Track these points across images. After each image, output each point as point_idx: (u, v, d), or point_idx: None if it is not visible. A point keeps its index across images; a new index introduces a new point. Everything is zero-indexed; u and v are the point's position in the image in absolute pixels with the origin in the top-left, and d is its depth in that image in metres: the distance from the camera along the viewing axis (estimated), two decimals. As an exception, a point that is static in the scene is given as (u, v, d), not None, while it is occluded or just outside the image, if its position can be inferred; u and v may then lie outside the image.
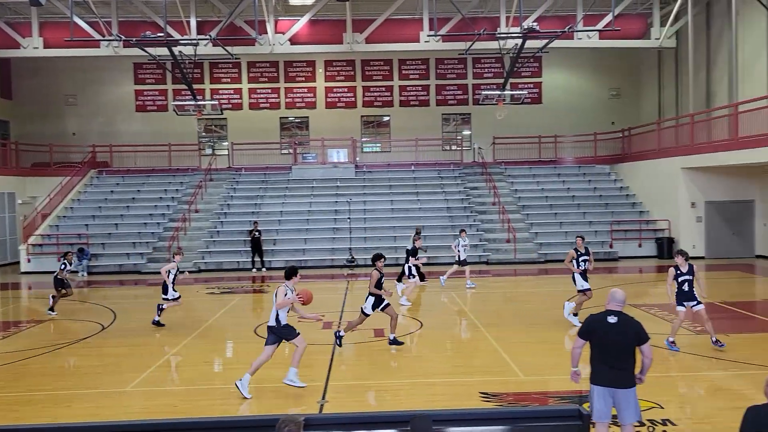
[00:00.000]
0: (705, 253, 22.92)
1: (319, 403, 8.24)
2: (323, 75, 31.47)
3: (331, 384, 9.09)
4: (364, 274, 21.54)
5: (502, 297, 17.53)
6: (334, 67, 31.43)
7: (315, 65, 31.30)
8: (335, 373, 9.68)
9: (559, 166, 29.25)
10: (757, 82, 22.21)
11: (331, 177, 28.10)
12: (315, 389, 8.78)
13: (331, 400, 8.35)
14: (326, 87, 31.51)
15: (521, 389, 8.68)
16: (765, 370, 9.15)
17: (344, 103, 31.58)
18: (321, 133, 30.44)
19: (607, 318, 5.91)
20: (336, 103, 31.58)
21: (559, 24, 24.81)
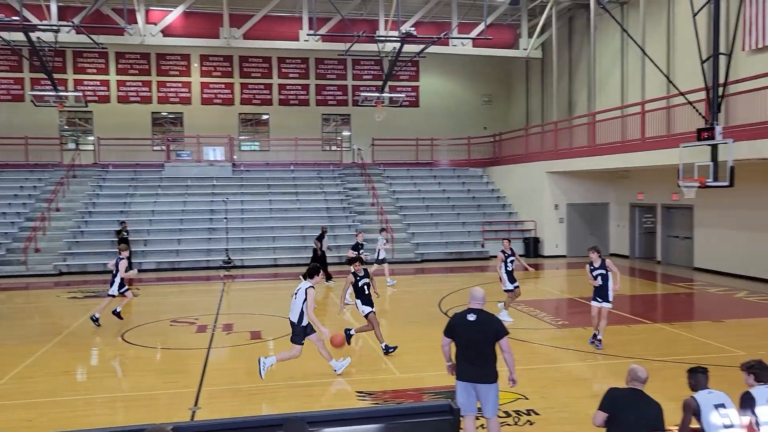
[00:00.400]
0: (566, 252, 24.56)
1: (191, 410, 7.95)
2: (199, 70, 30.40)
3: (204, 389, 8.80)
4: (241, 275, 21.11)
5: (380, 296, 17.77)
6: (210, 62, 30.46)
7: (190, 59, 30.16)
8: (209, 378, 9.37)
9: (435, 168, 30.17)
10: (612, 93, 24.12)
11: (207, 175, 27.23)
12: (187, 395, 8.46)
13: (205, 406, 8.08)
14: (202, 82, 30.47)
15: (397, 387, 8.85)
16: (619, 360, 9.95)
17: (221, 100, 30.69)
18: (196, 129, 29.36)
19: (466, 316, 6.17)
20: (212, 99, 30.62)
21: (435, 30, 25.58)
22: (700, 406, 5.40)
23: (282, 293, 17.29)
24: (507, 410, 7.58)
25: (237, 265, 22.16)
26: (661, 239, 22.13)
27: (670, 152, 16.34)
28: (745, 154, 14.35)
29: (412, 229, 25.45)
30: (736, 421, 5.36)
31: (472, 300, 6.27)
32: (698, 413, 5.41)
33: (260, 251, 23.41)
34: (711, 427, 5.32)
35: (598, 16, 23.77)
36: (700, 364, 5.96)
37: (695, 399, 5.46)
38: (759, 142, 14.18)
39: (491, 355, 6.10)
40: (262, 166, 28.89)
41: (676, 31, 20.74)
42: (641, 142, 18.85)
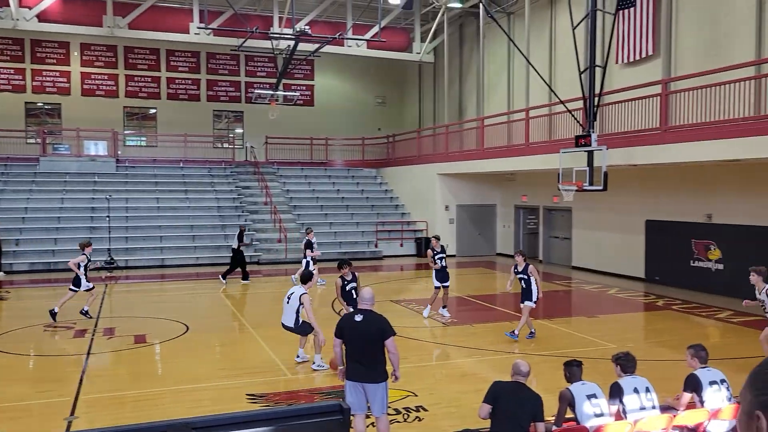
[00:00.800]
0: (456, 252, 25.33)
1: (66, 421, 7.48)
2: (79, 59, 28.64)
3: (82, 398, 8.31)
4: (125, 276, 20.12)
5: (272, 297, 17.54)
6: (92, 52, 28.78)
7: (69, 47, 28.35)
8: (88, 386, 8.86)
9: (329, 168, 30.16)
10: (500, 99, 25.16)
11: (88, 171, 25.71)
12: (63, 405, 7.96)
13: (82, 416, 7.63)
14: (83, 72, 28.73)
15: (289, 388, 8.78)
16: (503, 355, 10.40)
17: (104, 92, 29.09)
18: (76, 122, 27.61)
19: (354, 317, 6.26)
20: (94, 90, 28.96)
21: (330, 30, 25.57)
22: (574, 397, 5.76)
23: (170, 295, 16.67)
24: (397, 408, 7.71)
25: (120, 266, 21.09)
26: (543, 239, 23.34)
27: (552, 157, 17.27)
28: (618, 160, 15.43)
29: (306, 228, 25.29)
30: (606, 410, 5.76)
31: (361, 300, 6.36)
32: (573, 404, 5.77)
33: (146, 251, 22.41)
34: (583, 416, 5.69)
35: (487, 24, 24.70)
36: (575, 358, 6.36)
37: (570, 390, 5.82)
38: (630, 150, 15.29)
39: (379, 355, 6.20)
40: (148, 163, 27.66)
41: (558, 42, 21.95)
42: (525, 147, 19.79)
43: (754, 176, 14.82)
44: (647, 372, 6.82)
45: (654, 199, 17.91)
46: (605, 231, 19.91)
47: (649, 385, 5.97)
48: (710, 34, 16.20)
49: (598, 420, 5.64)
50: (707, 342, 10.39)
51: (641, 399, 5.84)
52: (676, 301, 15.35)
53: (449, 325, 12.90)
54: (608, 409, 5.78)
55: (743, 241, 15.24)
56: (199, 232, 23.64)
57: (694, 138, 13.59)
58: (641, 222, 18.36)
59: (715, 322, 13.21)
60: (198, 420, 4.09)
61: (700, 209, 16.48)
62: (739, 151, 12.68)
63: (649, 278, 18.17)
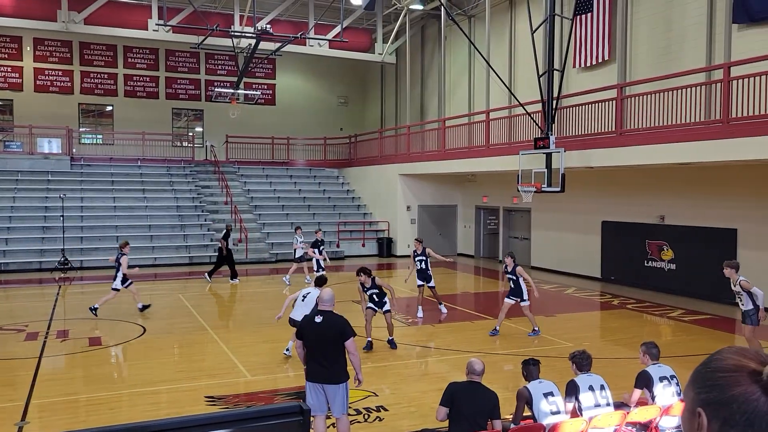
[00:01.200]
0: (418, 252, 25.44)
1: (17, 426, 7.28)
2: (32, 54, 27.84)
3: (34, 402, 8.09)
4: (80, 277, 19.63)
5: (232, 297, 17.37)
6: (46, 47, 28.00)
7: (21, 42, 27.51)
8: (41, 390, 8.63)
9: (291, 168, 29.97)
10: (461, 101, 25.39)
11: (41, 169, 25.00)
12: (14, 410, 7.73)
13: (34, 421, 7.44)
14: (36, 68, 27.93)
15: (249, 390, 8.71)
16: (463, 354, 10.50)
17: (58, 88, 28.33)
18: (29, 119, 26.80)
19: (314, 318, 6.26)
20: (48, 87, 28.18)
21: (292, 29, 25.42)
22: (531, 396, 5.86)
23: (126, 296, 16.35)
24: (357, 408, 7.72)
25: (75, 267, 20.56)
26: (503, 240, 23.64)
27: (511, 158, 17.52)
28: (575, 162, 15.74)
29: (266, 228, 25.11)
30: (562, 407, 5.88)
31: (320, 302, 6.36)
32: (530, 402, 5.87)
33: (102, 252, 21.90)
34: (540, 414, 5.80)
35: (448, 27, 24.89)
36: (533, 356, 6.47)
37: (527, 389, 5.92)
38: (586, 152, 15.61)
39: (339, 356, 6.21)
40: (105, 161, 27.04)
41: (518, 46, 22.27)
42: (486, 149, 20.02)
43: (704, 179, 15.30)
44: (602, 369, 7.00)
45: (610, 201, 18.32)
46: (563, 231, 20.28)
47: (603, 382, 6.12)
48: (663, 40, 16.65)
49: (554, 418, 5.75)
50: (660, 340, 10.69)
51: (596, 396, 5.98)
52: (631, 300, 15.73)
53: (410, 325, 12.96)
54: (564, 407, 5.90)
55: (694, 242, 15.71)
56: (158, 232, 23.23)
57: (648, 141, 13.96)
58: (597, 223, 18.76)
59: (667, 320, 13.59)
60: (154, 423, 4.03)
61: (653, 211, 16.93)
62: (689, 154, 13.07)
63: (605, 278, 18.58)
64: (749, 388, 1.20)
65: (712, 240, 15.21)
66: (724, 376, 1.24)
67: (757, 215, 14.21)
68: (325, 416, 6.29)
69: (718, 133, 12.38)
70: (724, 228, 14.96)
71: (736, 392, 1.21)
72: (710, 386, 1.25)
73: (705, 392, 1.25)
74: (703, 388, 1.26)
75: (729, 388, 1.22)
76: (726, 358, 1.27)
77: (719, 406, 1.22)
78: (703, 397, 1.25)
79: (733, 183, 14.73)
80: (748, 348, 1.30)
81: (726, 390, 1.22)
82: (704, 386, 1.26)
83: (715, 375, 1.25)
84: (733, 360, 1.26)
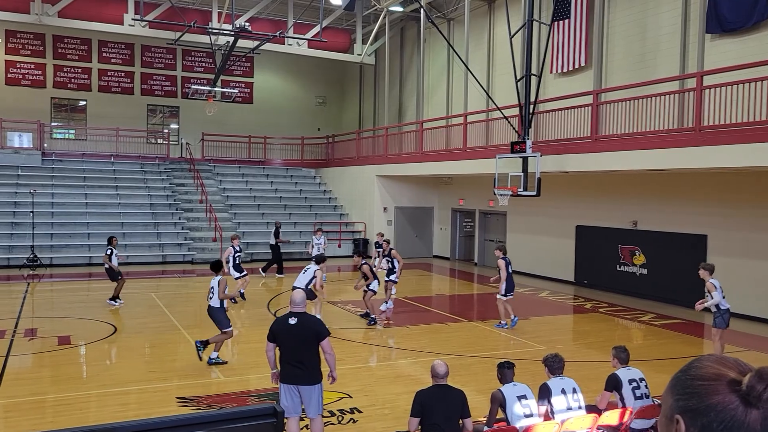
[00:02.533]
0: (393, 253, 25.45)
1: (-17, 427, 7.12)
2: (4, 46, 27.29)
3: (0, 402, 7.91)
4: (50, 275, 19.28)
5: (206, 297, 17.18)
6: (18, 39, 27.47)
7: (-6, 34, 26.99)
8: (6, 389, 8.45)
9: (267, 167, 29.79)
10: (439, 104, 25.47)
11: (11, 164, 24.48)
12: (-22, 411, 7.56)
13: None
14: (7, 61, 27.39)
15: (221, 391, 8.62)
16: (437, 357, 10.51)
17: (30, 81, 27.80)
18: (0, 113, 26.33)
19: (288, 320, 6.23)
20: (20, 80, 27.64)
21: (271, 27, 25.28)
22: (505, 398, 5.89)
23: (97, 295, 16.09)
24: (331, 410, 7.69)
25: (44, 264, 20.19)
26: (479, 242, 23.76)
27: (488, 162, 17.61)
28: (550, 167, 15.88)
29: (242, 227, 24.91)
30: (535, 410, 5.92)
31: (292, 304, 6.33)
32: (504, 405, 5.89)
33: (73, 249, 21.55)
34: (514, 417, 5.83)
35: (428, 29, 24.97)
36: (507, 359, 6.51)
37: (501, 392, 5.95)
38: (562, 157, 15.77)
39: (314, 357, 6.18)
40: (77, 157, 26.60)
41: (496, 50, 22.41)
42: (463, 152, 20.10)
43: (677, 186, 15.55)
44: (574, 372, 7.06)
45: (584, 206, 18.52)
46: (538, 235, 20.45)
47: (575, 385, 6.17)
48: (639, 48, 16.90)
49: (527, 420, 5.78)
50: (630, 343, 10.84)
51: (568, 399, 6.03)
52: (603, 304, 15.92)
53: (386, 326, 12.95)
54: (537, 410, 5.94)
55: (666, 247, 15.96)
56: (131, 229, 22.91)
57: (622, 147, 14.14)
58: (572, 227, 18.95)
59: (638, 324, 13.77)
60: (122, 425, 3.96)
61: (626, 216, 17.16)
62: (663, 161, 13.27)
63: (579, 281, 18.78)
64: (727, 398, 1.21)
65: (683, 245, 15.46)
66: (703, 384, 1.24)
67: (726, 222, 14.48)
68: (299, 418, 6.26)
69: (690, 140, 12.59)
70: (694, 234, 15.22)
71: (715, 401, 1.21)
72: (689, 394, 1.25)
73: (684, 399, 1.25)
74: (682, 396, 1.26)
75: (708, 396, 1.23)
76: (705, 367, 1.28)
77: (697, 414, 1.22)
78: (681, 404, 1.25)
79: (704, 190, 14.99)
80: (728, 357, 1.30)
81: (704, 398, 1.23)
82: (683, 393, 1.26)
83: (695, 383, 1.26)
84: (712, 369, 1.26)
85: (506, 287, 12.60)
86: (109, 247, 14.36)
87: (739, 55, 13.77)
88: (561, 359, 6.27)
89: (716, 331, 9.83)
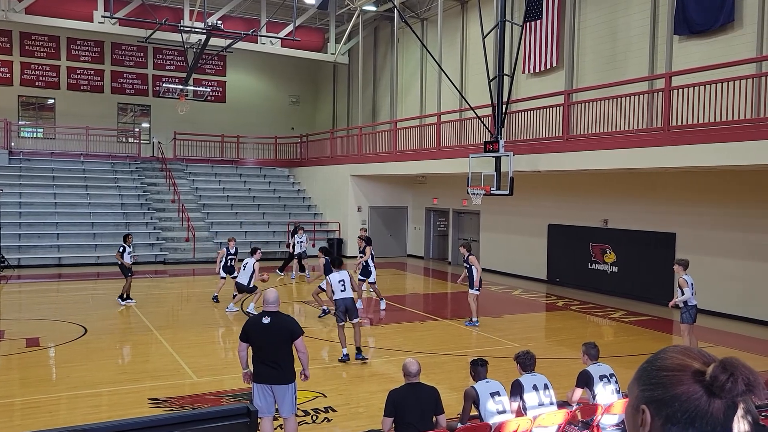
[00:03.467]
0: (368, 253, 25.45)
1: (-52, 431, 6.96)
2: (-31, 43, 26.68)
3: (-34, 407, 7.75)
4: (17, 276, 18.90)
5: (178, 298, 17.04)
6: (-16, 36, 26.87)
7: (-42, 30, 26.35)
8: (-27, 394, 8.27)
9: (240, 166, 29.57)
10: (412, 103, 25.55)
11: (-23, 163, 23.98)
12: (-57, 415, 7.39)
13: (-34, 426, 7.12)
14: (-27, 57, 26.78)
15: (194, 391, 8.56)
16: (411, 355, 10.55)
17: (-3, 79, 27.21)
18: (-36, 110, 25.72)
19: (261, 319, 6.21)
20: (-14, 77, 27.03)
21: (243, 26, 25.11)
22: (478, 395, 5.94)
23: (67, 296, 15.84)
24: (305, 409, 7.68)
25: (12, 265, 19.79)
26: (453, 241, 23.88)
27: (462, 161, 17.72)
28: (523, 166, 16.04)
29: (215, 227, 24.71)
30: (508, 407, 5.99)
31: (266, 303, 6.31)
32: (477, 402, 5.95)
33: (41, 249, 21.16)
34: (487, 413, 5.88)
35: (401, 29, 25.03)
36: (481, 357, 6.56)
37: (474, 389, 6.00)
38: (534, 156, 15.94)
39: (287, 356, 6.18)
40: (46, 156, 26.11)
41: (469, 50, 22.55)
42: (437, 151, 20.20)
43: (646, 185, 15.83)
44: (546, 369, 7.15)
45: (556, 205, 18.75)
46: (511, 234, 20.64)
47: (547, 381, 6.26)
48: (609, 49, 17.15)
49: (500, 417, 5.84)
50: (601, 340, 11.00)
51: (540, 396, 6.11)
52: (575, 301, 16.13)
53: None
54: (510, 406, 6.00)
55: (636, 246, 16.23)
56: (101, 229, 22.57)
57: (593, 147, 14.35)
58: (544, 226, 19.16)
59: (609, 321, 13.99)
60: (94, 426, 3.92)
61: (597, 215, 17.41)
62: (632, 160, 13.50)
63: (551, 280, 19.00)
64: (691, 387, 1.24)
65: (652, 243, 15.74)
66: (668, 375, 1.28)
67: (695, 220, 14.78)
68: (273, 418, 6.24)
69: (659, 140, 12.83)
70: (663, 232, 15.50)
71: (679, 391, 1.25)
72: (654, 384, 1.29)
73: (649, 390, 1.29)
74: (647, 386, 1.30)
75: (672, 386, 1.26)
76: (670, 357, 1.31)
77: (662, 404, 1.26)
78: (647, 394, 1.29)
79: (673, 189, 15.28)
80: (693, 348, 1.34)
81: (669, 389, 1.26)
82: (649, 384, 1.30)
83: (660, 374, 1.29)
84: (677, 359, 1.30)
85: (477, 282, 12.89)
86: (123, 244, 14.60)
87: (706, 56, 14.07)
88: (533, 356, 6.35)
89: (684, 326, 10.05)
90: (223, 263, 15.29)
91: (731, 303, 13.86)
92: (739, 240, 13.78)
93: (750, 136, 11.08)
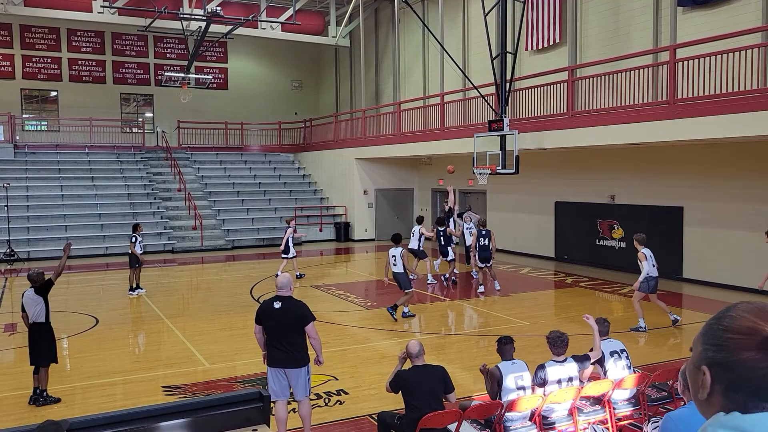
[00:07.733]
0: (375, 236, 25.51)
1: (-34, 424, 7.05)
2: (-30, 37, 26.64)
3: (-17, 399, 7.85)
4: (27, 268, 19.02)
5: (188, 286, 17.14)
6: (-16, 30, 26.81)
7: (-42, 25, 26.30)
8: (-11, 386, 8.37)
9: (245, 153, 29.55)
10: (416, 84, 25.40)
11: (-17, 158, 24.05)
12: (-39, 408, 7.49)
13: (-17, 418, 7.22)
14: (-26, 52, 26.76)
15: (207, 378, 8.63)
16: (421, 336, 10.60)
17: (-1, 73, 27.20)
18: (-32, 105, 25.75)
19: (273, 303, 6.24)
20: (-12, 71, 27.02)
21: (243, 11, 24.96)
22: (502, 376, 5.92)
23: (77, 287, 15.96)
24: (318, 392, 7.74)
25: (22, 258, 19.93)
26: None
27: (466, 141, 17.65)
28: (529, 144, 15.96)
29: (222, 215, 24.78)
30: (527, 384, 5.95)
31: (278, 288, 6.33)
32: (501, 382, 5.93)
33: (50, 242, 21.28)
34: (506, 391, 5.88)
35: (402, 9, 24.81)
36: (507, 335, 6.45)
37: (499, 369, 5.96)
38: (539, 134, 15.85)
39: (299, 340, 6.21)
40: (51, 148, 26.16)
41: (471, 29, 22.35)
42: (441, 132, 20.11)
43: (652, 159, 15.73)
44: (556, 347, 7.13)
45: (562, 182, 18.67)
46: (518, 213, 20.60)
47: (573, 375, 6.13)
48: (612, 23, 16.95)
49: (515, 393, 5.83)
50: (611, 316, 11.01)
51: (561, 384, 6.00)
52: (583, 278, 16.13)
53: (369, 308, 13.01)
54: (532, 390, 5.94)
55: (643, 220, 16.16)
56: (108, 220, 22.67)
57: (599, 123, 14.25)
58: (551, 203, 19.11)
59: (618, 297, 13.99)
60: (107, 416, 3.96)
61: (604, 191, 17.33)
62: (638, 135, 13.40)
63: (559, 257, 18.98)
64: (758, 355, 1.14)
65: (659, 218, 15.67)
66: (734, 338, 1.17)
67: (702, 193, 14.70)
68: (287, 401, 6.29)
69: (664, 114, 12.72)
70: (671, 206, 15.43)
71: (744, 357, 1.15)
72: (718, 345, 1.19)
73: (712, 350, 1.19)
74: (710, 346, 1.20)
75: (737, 351, 1.16)
76: (740, 318, 1.20)
77: (724, 368, 1.17)
78: (710, 355, 1.19)
79: (679, 162, 15.18)
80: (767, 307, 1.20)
81: (734, 353, 1.16)
82: (713, 344, 1.20)
83: (725, 335, 1.19)
84: (747, 321, 1.18)
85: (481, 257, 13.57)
86: (134, 234, 14.60)
87: (711, 27, 13.88)
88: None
89: (638, 294, 10.64)
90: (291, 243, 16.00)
91: (738, 275, 13.81)
92: (748, 211, 13.70)
93: (757, 107, 10.97)
